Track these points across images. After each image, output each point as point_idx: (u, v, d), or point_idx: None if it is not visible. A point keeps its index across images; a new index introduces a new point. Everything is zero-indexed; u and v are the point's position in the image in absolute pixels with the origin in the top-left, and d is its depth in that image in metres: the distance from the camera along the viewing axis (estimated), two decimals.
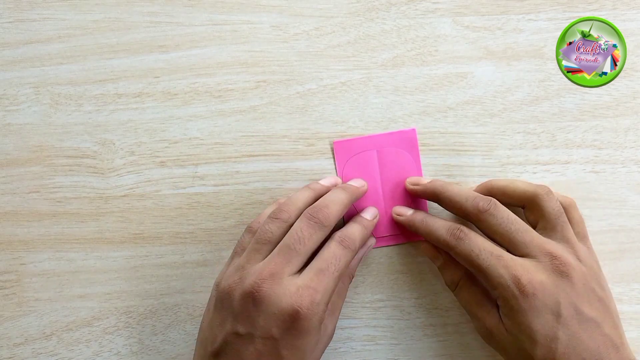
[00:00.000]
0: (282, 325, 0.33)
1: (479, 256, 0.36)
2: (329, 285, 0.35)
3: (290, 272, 0.34)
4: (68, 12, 0.43)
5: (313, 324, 0.34)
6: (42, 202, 0.43)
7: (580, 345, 0.34)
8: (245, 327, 0.34)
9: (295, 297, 0.33)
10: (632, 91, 0.42)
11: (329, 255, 0.36)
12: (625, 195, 0.42)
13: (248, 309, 0.34)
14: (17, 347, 0.43)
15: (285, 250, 0.35)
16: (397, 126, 0.42)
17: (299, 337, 0.34)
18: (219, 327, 0.35)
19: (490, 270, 0.36)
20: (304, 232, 0.35)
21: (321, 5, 0.43)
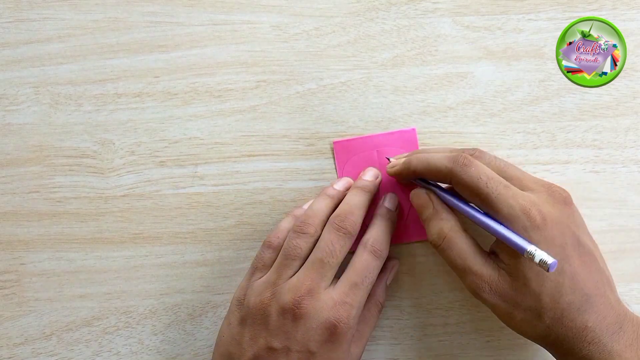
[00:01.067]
0: (319, 339, 0.34)
1: (487, 184, 0.34)
2: (362, 298, 0.36)
3: (326, 286, 0.36)
4: (68, 12, 0.43)
5: (347, 337, 0.35)
6: (42, 202, 0.43)
7: (583, 280, 0.33)
8: (281, 342, 0.35)
9: (332, 312, 0.35)
10: (632, 91, 0.42)
11: (361, 266, 0.36)
12: (625, 195, 0.42)
13: (285, 324, 0.35)
14: (17, 347, 0.43)
15: (319, 265, 0.36)
16: (397, 126, 0.42)
17: (334, 350, 0.35)
18: (250, 342, 0.35)
19: (499, 200, 0.34)
20: (335, 244, 0.36)
21: (321, 5, 0.43)
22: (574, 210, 0.36)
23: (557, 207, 0.35)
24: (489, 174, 0.35)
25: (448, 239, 0.36)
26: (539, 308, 0.34)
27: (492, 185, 0.34)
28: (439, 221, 0.37)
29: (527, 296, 0.34)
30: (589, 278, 0.34)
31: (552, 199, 0.35)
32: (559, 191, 0.36)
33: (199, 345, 0.43)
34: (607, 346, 0.33)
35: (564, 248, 0.34)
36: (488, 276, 0.35)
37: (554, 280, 0.33)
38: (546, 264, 0.31)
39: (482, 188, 0.34)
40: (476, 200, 0.35)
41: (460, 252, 0.36)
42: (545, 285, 0.33)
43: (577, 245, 0.34)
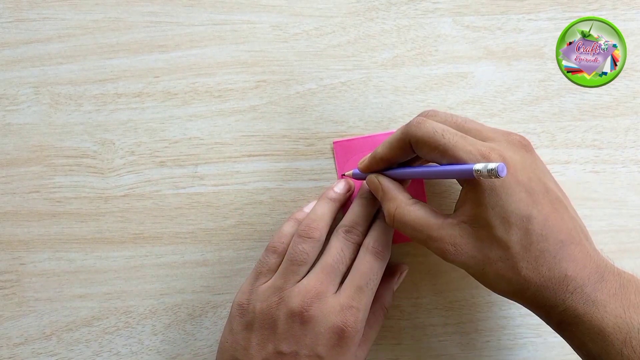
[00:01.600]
0: (328, 343, 0.35)
1: (443, 135, 0.33)
2: (368, 301, 0.36)
3: (333, 291, 0.36)
4: (68, 12, 0.43)
5: (355, 341, 0.35)
6: (42, 202, 0.43)
7: (555, 226, 0.32)
8: (290, 346, 0.35)
9: (340, 316, 0.35)
10: (632, 91, 0.42)
11: (365, 269, 0.36)
12: (625, 195, 0.42)
13: (294, 328, 0.35)
14: (17, 347, 0.43)
15: (329, 271, 0.36)
16: (397, 126, 0.42)
17: (341, 354, 0.35)
18: (257, 348, 0.35)
19: (457, 149, 0.33)
20: (345, 252, 0.37)
21: (321, 5, 0.43)
22: (536, 157, 0.34)
23: (518, 153, 0.33)
24: (443, 127, 0.34)
25: (397, 217, 0.35)
26: (510, 258, 0.32)
27: (448, 136, 0.33)
28: (387, 202, 0.36)
29: (494, 246, 0.32)
30: (562, 225, 0.32)
31: (513, 145, 0.34)
32: (518, 138, 0.34)
33: (199, 345, 0.43)
34: (590, 296, 0.31)
35: (531, 193, 0.32)
36: (448, 236, 0.33)
37: (521, 227, 0.31)
38: (495, 170, 0.29)
39: (439, 140, 0.33)
40: (435, 154, 0.34)
41: (414, 225, 0.34)
42: (512, 233, 0.32)
43: (545, 191, 0.32)
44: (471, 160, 0.32)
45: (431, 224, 0.34)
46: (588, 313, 0.31)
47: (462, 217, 0.33)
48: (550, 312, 0.32)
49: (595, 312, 0.31)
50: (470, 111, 0.42)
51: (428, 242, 0.34)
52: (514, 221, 0.32)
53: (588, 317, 0.31)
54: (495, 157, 0.32)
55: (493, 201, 0.32)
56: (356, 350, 0.36)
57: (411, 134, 0.34)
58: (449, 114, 0.36)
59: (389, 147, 0.36)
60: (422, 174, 0.36)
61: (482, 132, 0.35)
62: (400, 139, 0.35)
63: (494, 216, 0.32)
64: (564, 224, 0.32)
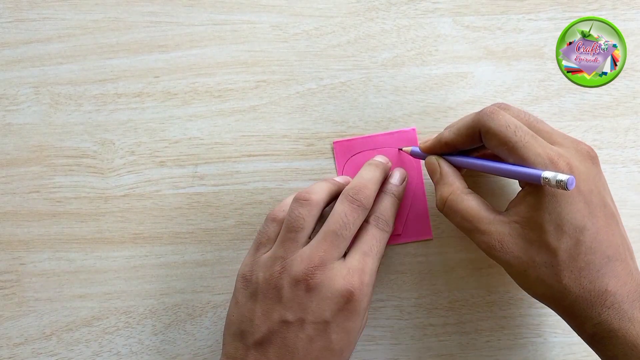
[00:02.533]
0: (334, 308, 0.34)
1: (515, 132, 0.33)
2: (374, 267, 0.36)
3: (338, 257, 0.35)
4: (68, 12, 0.43)
5: (362, 305, 0.35)
6: (42, 202, 0.43)
7: (605, 241, 0.32)
8: (296, 314, 0.34)
9: (346, 279, 0.34)
10: (632, 91, 0.42)
11: (368, 238, 0.36)
12: (625, 195, 0.42)
13: (299, 295, 0.34)
14: (17, 347, 0.43)
15: (333, 237, 0.35)
16: (397, 126, 0.42)
17: (349, 318, 0.34)
18: (263, 318, 0.35)
19: (527, 149, 0.33)
20: (349, 217, 0.36)
21: (321, 5, 0.43)
22: (600, 171, 0.35)
23: (584, 164, 0.33)
24: (516, 122, 0.34)
25: (449, 203, 0.35)
26: (556, 265, 0.32)
27: (520, 134, 0.33)
28: (442, 186, 0.36)
29: (542, 250, 0.32)
30: (612, 240, 0.32)
31: (580, 155, 0.34)
32: (587, 149, 0.34)
33: (199, 345, 0.43)
34: (627, 312, 0.31)
35: (589, 205, 0.32)
36: (497, 233, 0.33)
37: (573, 237, 0.32)
38: (563, 182, 0.30)
39: (510, 136, 0.33)
40: (504, 149, 0.34)
41: (465, 214, 0.35)
42: (563, 241, 0.32)
43: (602, 205, 0.33)
44: (539, 164, 0.32)
45: (482, 216, 0.34)
46: (623, 328, 0.31)
47: (515, 217, 0.34)
48: (584, 324, 0.33)
49: (631, 329, 0.31)
50: (470, 111, 0.42)
51: (474, 234, 0.34)
52: (567, 230, 0.32)
53: (623, 332, 0.31)
54: (563, 164, 0.32)
55: (551, 207, 0.32)
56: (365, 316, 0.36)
57: (483, 123, 0.34)
58: (521, 110, 0.36)
59: (457, 133, 0.36)
60: (485, 168, 0.36)
61: (552, 136, 0.35)
62: (470, 127, 0.35)
63: (549, 221, 0.32)
64: (613, 239, 0.33)
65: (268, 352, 0.34)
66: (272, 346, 0.34)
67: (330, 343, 0.34)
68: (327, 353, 0.34)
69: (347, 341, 0.35)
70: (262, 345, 0.34)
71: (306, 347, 0.34)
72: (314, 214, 0.36)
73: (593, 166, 0.34)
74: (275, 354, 0.34)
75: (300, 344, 0.34)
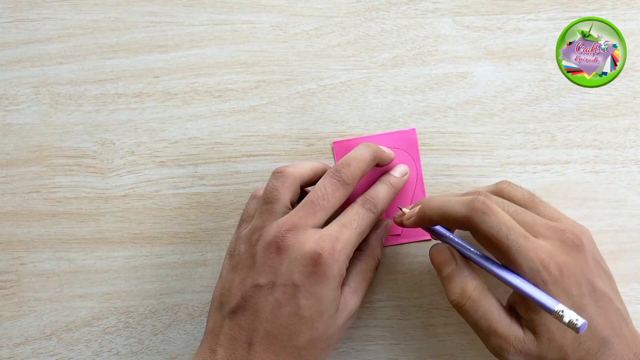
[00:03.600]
0: (303, 271, 0.34)
1: (508, 236, 0.33)
2: (350, 238, 0.35)
3: (314, 225, 0.35)
4: (68, 12, 0.43)
5: (333, 271, 0.34)
6: (42, 202, 0.43)
7: (599, 324, 0.33)
8: (267, 277, 0.34)
9: (318, 242, 0.34)
10: (632, 91, 0.42)
11: (351, 213, 0.36)
12: (625, 195, 0.42)
13: (270, 258, 0.34)
14: (17, 347, 0.43)
15: (309, 205, 0.35)
16: (397, 126, 0.42)
17: (318, 283, 0.34)
18: (239, 286, 0.35)
19: (520, 254, 0.33)
20: (327, 188, 0.35)
21: (321, 5, 0.43)
22: (587, 255, 0.35)
23: (570, 255, 0.34)
24: (508, 224, 0.33)
25: (472, 299, 0.35)
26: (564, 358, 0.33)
27: (512, 238, 0.33)
28: (462, 279, 0.35)
29: (552, 350, 0.33)
30: (606, 321, 0.33)
31: (565, 246, 0.34)
32: (571, 238, 0.34)
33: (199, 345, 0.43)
34: None
35: (580, 298, 0.33)
36: (514, 338, 0.34)
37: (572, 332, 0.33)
38: (576, 326, 0.31)
39: (503, 241, 0.33)
40: (494, 251, 0.34)
41: (486, 314, 0.34)
42: (566, 337, 0.33)
43: (592, 292, 0.34)
44: (532, 270, 0.33)
45: (502, 318, 0.34)
46: None
47: (521, 319, 0.34)
48: None
49: None
50: (470, 111, 0.42)
51: (490, 336, 0.34)
52: None
53: None
54: (553, 267, 0.33)
55: None
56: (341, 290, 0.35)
57: (473, 223, 0.34)
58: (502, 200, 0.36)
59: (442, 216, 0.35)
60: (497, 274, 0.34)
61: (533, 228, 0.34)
62: (457, 219, 0.34)
63: (552, 320, 0.33)
64: (607, 320, 0.34)
65: (240, 319, 0.34)
66: (244, 312, 0.34)
67: (299, 309, 0.33)
68: (295, 319, 0.34)
69: (317, 309, 0.34)
70: (235, 313, 0.34)
71: (275, 311, 0.34)
72: (287, 185, 0.36)
73: (579, 255, 0.34)
74: (246, 320, 0.34)
75: (269, 308, 0.34)
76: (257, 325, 0.34)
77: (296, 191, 0.37)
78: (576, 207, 0.42)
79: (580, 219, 0.42)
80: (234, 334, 0.34)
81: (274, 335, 0.33)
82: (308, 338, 0.34)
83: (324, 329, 0.34)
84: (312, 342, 0.34)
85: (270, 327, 0.34)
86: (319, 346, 0.34)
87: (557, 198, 0.42)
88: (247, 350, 0.34)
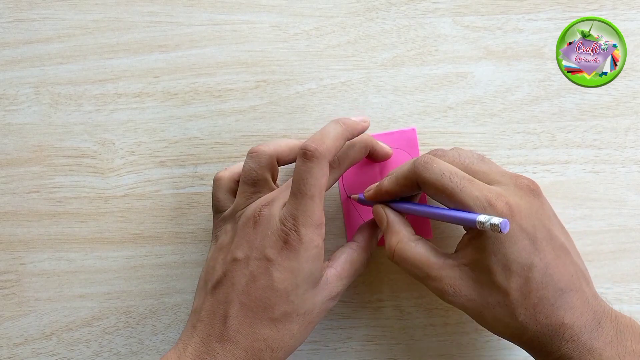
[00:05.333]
0: (275, 246, 0.34)
1: (450, 179, 0.34)
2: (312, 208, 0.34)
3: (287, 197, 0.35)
4: (68, 11, 0.43)
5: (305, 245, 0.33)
6: (42, 202, 0.43)
7: (556, 274, 0.32)
8: (243, 251, 0.34)
9: None
10: (632, 91, 0.42)
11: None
12: (625, 195, 0.42)
13: (247, 233, 0.35)
14: (17, 347, 0.43)
15: (287, 185, 0.36)
16: (397, 126, 0.42)
17: (292, 258, 0.34)
18: (221, 262, 0.35)
19: (464, 194, 0.33)
20: (301, 167, 0.34)
21: (321, 5, 0.43)
22: (544, 202, 0.35)
23: (525, 199, 0.33)
24: (451, 169, 0.34)
25: (397, 252, 0.36)
26: (509, 304, 0.32)
27: (455, 180, 0.34)
28: (389, 235, 0.36)
29: (493, 291, 0.33)
30: (563, 272, 0.32)
31: (520, 190, 0.34)
32: (527, 182, 0.34)
33: None
34: (586, 344, 0.32)
35: (534, 241, 0.32)
36: (448, 278, 0.34)
37: (522, 275, 0.32)
38: (497, 226, 0.30)
39: (447, 183, 0.34)
40: (442, 197, 0.34)
41: (414, 262, 0.35)
42: (512, 280, 0.32)
43: (549, 238, 0.33)
44: (477, 207, 0.33)
45: (431, 262, 0.34)
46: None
47: (463, 260, 0.34)
48: (547, 358, 0.33)
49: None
50: (470, 111, 0.42)
51: (426, 281, 0.35)
52: (515, 269, 0.32)
53: None
54: (501, 204, 0.32)
55: (496, 248, 0.32)
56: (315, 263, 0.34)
57: (418, 174, 0.35)
58: (456, 153, 0.36)
59: (395, 182, 0.37)
60: (426, 214, 0.36)
61: (489, 175, 0.35)
62: (406, 177, 0.36)
63: (495, 263, 0.32)
64: (565, 270, 0.33)
65: (219, 293, 0.34)
66: (222, 286, 0.35)
67: (273, 281, 0.33)
68: (270, 292, 0.34)
69: (292, 282, 0.34)
70: (216, 288, 0.35)
71: (250, 284, 0.34)
72: (263, 164, 0.37)
73: (535, 199, 0.34)
74: (224, 294, 0.34)
75: (244, 281, 0.34)
76: (233, 297, 0.34)
77: (273, 167, 0.38)
78: (576, 207, 0.42)
79: (580, 219, 0.42)
80: (214, 309, 0.34)
81: (249, 308, 0.34)
82: (283, 311, 0.34)
83: (300, 302, 0.34)
84: (287, 315, 0.34)
85: (246, 299, 0.34)
86: (295, 320, 0.34)
87: (557, 198, 0.42)
88: (223, 322, 0.34)
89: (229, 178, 0.39)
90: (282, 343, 0.34)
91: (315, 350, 0.42)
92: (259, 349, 0.33)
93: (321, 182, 0.34)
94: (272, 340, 0.34)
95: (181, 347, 0.34)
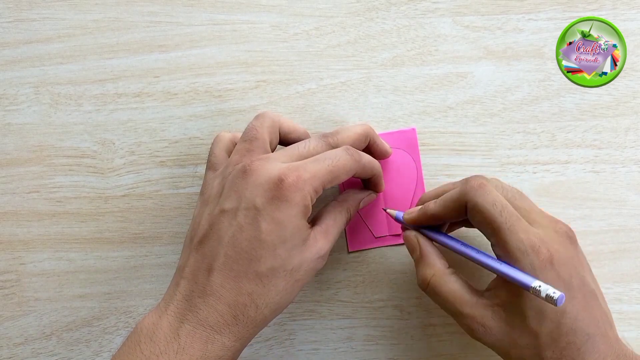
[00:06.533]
0: (265, 195, 0.33)
1: (501, 213, 0.33)
2: (319, 172, 0.34)
3: (284, 162, 0.35)
4: (68, 11, 0.43)
5: (295, 197, 0.33)
6: (42, 202, 0.43)
7: (585, 319, 0.33)
8: (231, 202, 0.34)
9: (284, 169, 0.34)
10: (632, 91, 0.42)
11: (330, 153, 0.35)
12: (625, 195, 0.42)
13: (237, 184, 0.34)
14: (17, 347, 0.43)
15: (290, 149, 0.36)
16: (397, 126, 0.42)
17: (280, 209, 0.33)
18: (207, 217, 0.35)
19: (510, 233, 0.33)
20: (311, 144, 0.36)
21: (321, 5, 0.43)
22: (579, 250, 0.35)
23: (563, 246, 0.34)
24: (502, 202, 0.34)
25: (432, 285, 0.35)
26: (538, 347, 0.33)
27: (505, 215, 0.33)
28: (423, 267, 0.36)
29: (524, 334, 0.33)
30: (591, 318, 0.33)
31: (559, 237, 0.34)
32: (565, 229, 0.35)
33: None
34: None
35: (569, 289, 0.33)
36: (480, 317, 0.34)
37: (554, 321, 0.33)
38: (553, 299, 0.31)
39: (496, 216, 0.33)
40: (487, 228, 0.34)
41: (447, 297, 0.35)
42: (544, 325, 0.33)
43: (581, 286, 0.33)
44: (520, 251, 0.33)
45: (464, 300, 0.34)
46: None
47: (496, 300, 0.34)
48: None
49: None
50: (470, 111, 0.42)
51: (457, 317, 0.35)
52: (549, 314, 0.33)
53: None
54: (544, 251, 0.33)
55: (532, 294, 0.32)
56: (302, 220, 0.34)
57: (470, 198, 0.34)
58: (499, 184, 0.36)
59: (443, 206, 0.36)
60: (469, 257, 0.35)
61: (530, 214, 0.35)
62: (456, 200, 0.35)
63: (530, 308, 0.33)
64: (593, 317, 0.33)
65: (205, 248, 0.34)
66: (208, 240, 0.34)
67: (260, 233, 0.33)
68: (256, 243, 0.33)
69: (279, 235, 0.33)
70: (201, 243, 0.34)
71: (236, 235, 0.33)
72: (267, 125, 0.36)
73: (572, 247, 0.34)
74: (209, 248, 0.33)
75: (231, 232, 0.33)
76: (218, 250, 0.33)
77: (275, 134, 0.37)
78: (576, 207, 0.42)
79: (580, 219, 0.42)
80: (198, 264, 0.34)
81: (234, 260, 0.33)
82: (270, 265, 0.33)
83: (286, 257, 0.33)
84: (273, 270, 0.33)
85: (231, 251, 0.33)
86: (281, 276, 0.33)
87: (557, 198, 0.42)
88: (207, 277, 0.33)
89: (230, 139, 0.39)
90: (267, 299, 0.33)
91: (315, 350, 0.42)
92: (244, 304, 0.33)
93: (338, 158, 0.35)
94: (257, 295, 0.33)
95: (162, 306, 0.33)
